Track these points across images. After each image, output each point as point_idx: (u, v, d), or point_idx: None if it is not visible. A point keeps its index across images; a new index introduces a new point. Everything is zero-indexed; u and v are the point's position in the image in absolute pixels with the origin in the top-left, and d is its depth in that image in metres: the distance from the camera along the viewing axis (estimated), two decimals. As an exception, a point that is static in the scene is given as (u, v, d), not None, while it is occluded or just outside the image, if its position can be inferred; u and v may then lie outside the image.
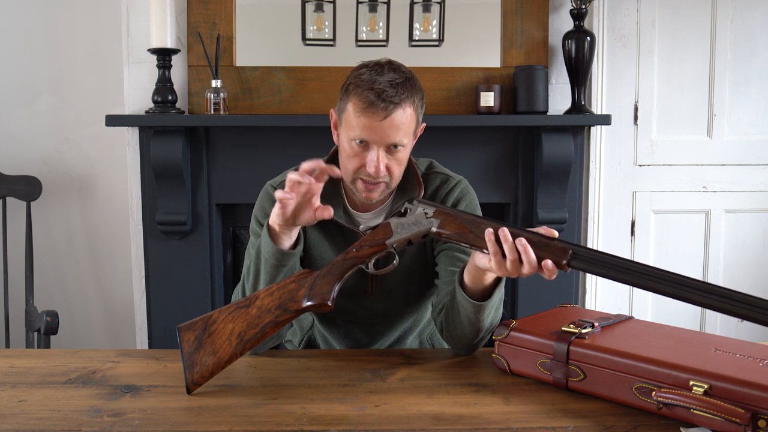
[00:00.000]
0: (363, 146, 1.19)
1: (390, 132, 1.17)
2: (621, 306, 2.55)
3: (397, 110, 1.16)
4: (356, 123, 1.17)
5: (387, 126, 1.16)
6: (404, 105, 1.17)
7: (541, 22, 2.34)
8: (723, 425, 0.86)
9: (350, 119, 1.19)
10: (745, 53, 2.47)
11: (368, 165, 1.19)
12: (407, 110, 1.18)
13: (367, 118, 1.16)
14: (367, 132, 1.17)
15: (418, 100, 1.21)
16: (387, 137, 1.17)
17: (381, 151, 1.19)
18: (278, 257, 1.14)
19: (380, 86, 1.15)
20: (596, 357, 1.00)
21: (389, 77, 1.17)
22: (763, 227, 2.55)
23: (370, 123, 1.16)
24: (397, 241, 1.10)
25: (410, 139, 1.23)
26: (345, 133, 1.21)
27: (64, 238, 2.56)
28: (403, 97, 1.17)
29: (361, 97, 1.16)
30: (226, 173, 2.33)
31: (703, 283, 0.89)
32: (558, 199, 2.34)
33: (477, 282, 1.11)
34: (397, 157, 1.21)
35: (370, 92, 1.15)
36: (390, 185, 1.24)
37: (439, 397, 1.03)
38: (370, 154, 1.19)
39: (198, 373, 1.05)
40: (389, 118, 1.16)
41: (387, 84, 1.15)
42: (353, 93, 1.18)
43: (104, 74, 2.47)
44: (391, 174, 1.22)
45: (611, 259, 0.95)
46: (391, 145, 1.19)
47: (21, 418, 0.95)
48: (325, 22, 2.34)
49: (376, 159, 1.18)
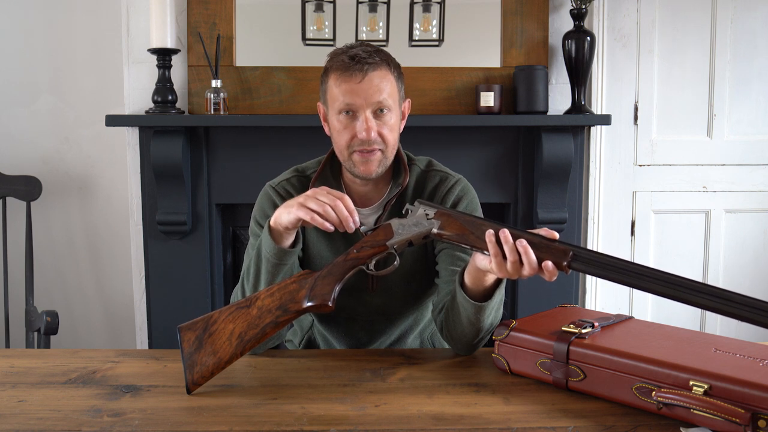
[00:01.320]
0: (351, 117, 1.22)
1: (371, 92, 1.20)
2: (621, 306, 2.55)
3: (373, 71, 1.20)
4: (338, 92, 1.21)
5: (366, 86, 1.20)
6: (379, 67, 1.21)
7: (541, 22, 2.34)
8: (723, 425, 0.86)
9: (333, 92, 1.23)
10: (745, 53, 2.47)
11: (359, 131, 1.21)
12: (383, 72, 1.22)
13: (347, 82, 1.20)
14: (349, 96, 1.20)
15: (394, 69, 1.25)
16: (370, 97, 1.20)
17: (368, 113, 1.21)
18: (279, 256, 1.15)
19: (353, 52, 1.21)
20: (596, 357, 1.00)
21: (361, 48, 1.22)
22: (763, 227, 2.55)
23: (350, 87, 1.20)
24: (397, 242, 1.11)
25: (396, 106, 1.25)
26: (332, 110, 1.24)
27: (64, 238, 2.56)
28: (377, 60, 1.21)
29: (338, 65, 1.21)
30: (226, 173, 2.33)
31: (703, 284, 0.89)
32: (558, 199, 2.34)
33: (477, 283, 1.11)
34: (386, 122, 1.23)
35: (345, 56, 1.21)
36: (386, 154, 1.25)
37: (439, 397, 1.03)
38: (358, 122, 1.21)
39: (198, 373, 1.05)
40: (367, 78, 1.20)
41: (360, 50, 1.21)
42: (330, 67, 1.23)
43: (104, 74, 2.47)
44: (384, 140, 1.23)
45: (612, 260, 0.95)
46: (377, 108, 1.21)
47: (21, 418, 0.95)
48: (325, 22, 2.34)
49: (365, 121, 1.20)
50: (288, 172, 1.37)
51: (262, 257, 1.17)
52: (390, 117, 1.23)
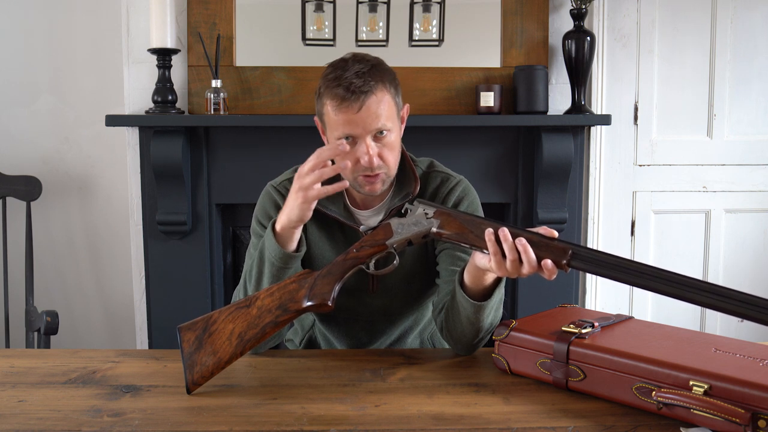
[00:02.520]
0: (351, 142, 1.20)
1: (369, 120, 1.18)
2: (621, 306, 2.55)
3: (369, 98, 1.17)
4: (336, 121, 1.19)
5: (365, 115, 1.17)
6: (375, 91, 1.18)
7: (541, 22, 2.34)
8: (723, 425, 0.86)
9: (331, 119, 1.21)
10: (745, 53, 2.47)
11: (361, 158, 1.19)
12: (380, 95, 1.19)
13: (344, 113, 1.18)
14: (348, 127, 1.18)
15: (390, 83, 1.22)
16: (369, 125, 1.18)
17: (369, 140, 1.19)
18: (284, 260, 1.15)
19: (347, 80, 1.17)
20: (596, 357, 1.00)
21: (354, 69, 1.18)
22: (763, 227, 2.55)
23: (347, 117, 1.18)
24: (397, 242, 1.11)
25: (395, 123, 1.23)
26: (331, 134, 1.23)
27: (64, 238, 2.56)
28: (372, 84, 1.18)
29: (333, 96, 1.18)
30: (226, 173, 2.33)
31: (703, 282, 0.89)
32: (558, 199, 2.34)
33: (477, 282, 1.11)
34: (387, 143, 1.21)
35: (339, 88, 1.17)
36: (389, 173, 1.24)
37: (439, 397, 1.03)
38: (359, 148, 1.20)
39: (198, 373, 1.05)
40: (365, 107, 1.17)
41: (353, 76, 1.17)
42: (325, 94, 1.20)
43: (104, 74, 2.47)
44: (385, 161, 1.22)
45: (611, 258, 0.95)
46: (376, 132, 1.20)
47: (21, 418, 0.95)
48: (325, 22, 2.34)
49: (367, 150, 1.19)
50: (289, 171, 1.37)
51: (266, 260, 1.17)
52: (390, 136, 1.22)
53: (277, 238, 1.15)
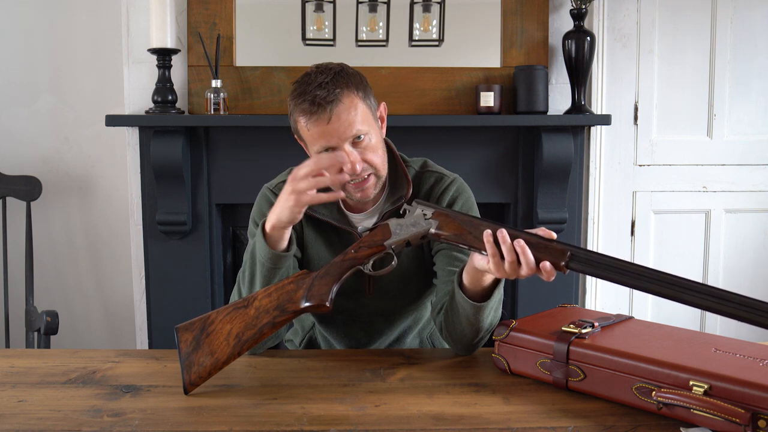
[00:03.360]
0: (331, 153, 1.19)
1: (342, 129, 1.17)
2: (621, 306, 2.55)
3: (337, 106, 1.16)
4: (311, 136, 1.19)
5: (336, 125, 1.17)
6: (342, 98, 1.17)
7: (541, 22, 2.34)
8: (723, 425, 0.86)
9: (306, 135, 1.21)
10: (745, 53, 2.47)
11: (344, 167, 1.17)
12: (347, 102, 1.18)
13: (315, 126, 1.17)
14: (324, 139, 1.18)
15: (356, 87, 1.20)
16: (343, 134, 1.17)
17: (347, 147, 1.18)
18: (274, 260, 1.14)
19: (311, 93, 1.16)
20: (596, 357, 1.00)
21: (317, 81, 1.18)
22: (763, 227, 2.55)
23: (320, 130, 1.17)
24: (395, 242, 1.10)
25: (371, 125, 1.22)
26: (311, 149, 1.22)
27: (64, 238, 2.56)
28: (338, 92, 1.17)
29: (301, 111, 1.18)
30: (226, 173, 2.33)
31: (701, 284, 0.89)
32: (558, 199, 2.34)
33: (476, 283, 1.11)
34: (366, 146, 1.21)
35: (305, 103, 1.17)
36: (378, 174, 1.24)
37: (439, 397, 1.03)
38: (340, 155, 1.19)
39: (195, 374, 1.05)
40: (334, 117, 1.16)
41: (317, 88, 1.17)
42: (294, 111, 1.20)
43: (104, 74, 2.47)
44: (371, 163, 1.21)
45: (610, 260, 0.95)
46: (352, 138, 1.19)
47: (21, 418, 0.95)
48: (325, 22, 2.34)
49: (348, 157, 1.18)
50: (284, 173, 1.37)
51: (257, 261, 1.17)
52: (370, 139, 1.21)
53: (267, 238, 1.15)
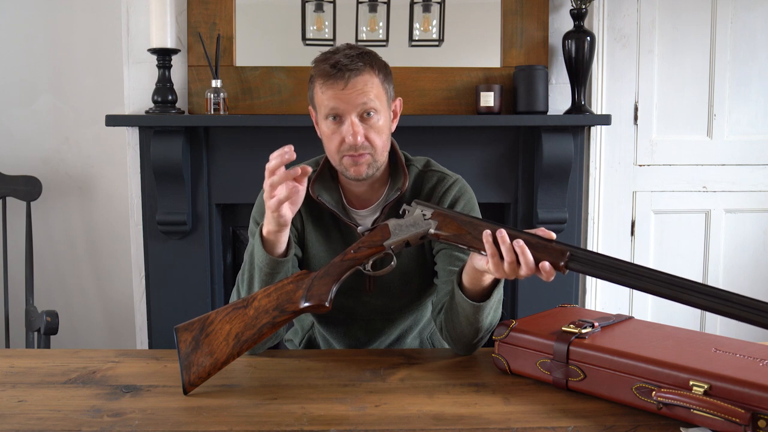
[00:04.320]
0: (338, 121, 1.22)
1: (354, 96, 1.20)
2: (621, 306, 2.55)
3: (356, 76, 1.20)
4: (323, 98, 1.22)
5: (350, 91, 1.20)
6: (363, 72, 1.21)
7: (541, 22, 2.34)
8: (723, 425, 0.86)
9: (319, 98, 1.23)
10: (745, 53, 2.47)
11: (345, 135, 1.21)
12: (367, 76, 1.21)
13: (330, 89, 1.20)
14: (334, 101, 1.20)
15: (379, 69, 1.24)
16: (354, 100, 1.20)
17: (354, 118, 1.21)
18: (271, 266, 1.14)
19: (336, 59, 1.21)
20: (596, 357, 1.00)
21: (344, 52, 1.22)
22: (763, 227, 2.55)
23: (334, 93, 1.20)
24: (395, 243, 1.10)
25: (383, 108, 1.24)
26: (320, 114, 1.25)
27: (64, 238, 2.56)
28: (360, 65, 1.20)
29: (321, 73, 1.22)
30: (226, 173, 2.33)
31: (701, 284, 0.89)
32: (558, 199, 2.34)
33: (475, 283, 1.11)
34: (373, 125, 1.22)
35: (327, 65, 1.21)
36: (375, 157, 1.24)
37: (439, 397, 1.03)
38: (344, 126, 1.21)
39: (195, 374, 1.05)
40: (350, 83, 1.19)
41: (342, 56, 1.21)
42: (315, 74, 1.24)
43: (104, 74, 2.47)
44: (372, 144, 1.23)
45: (609, 261, 0.95)
46: (363, 112, 1.21)
47: (21, 418, 0.95)
48: (325, 22, 2.34)
49: (351, 127, 1.20)
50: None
51: (255, 266, 1.17)
52: (377, 119, 1.23)
53: (264, 243, 1.14)
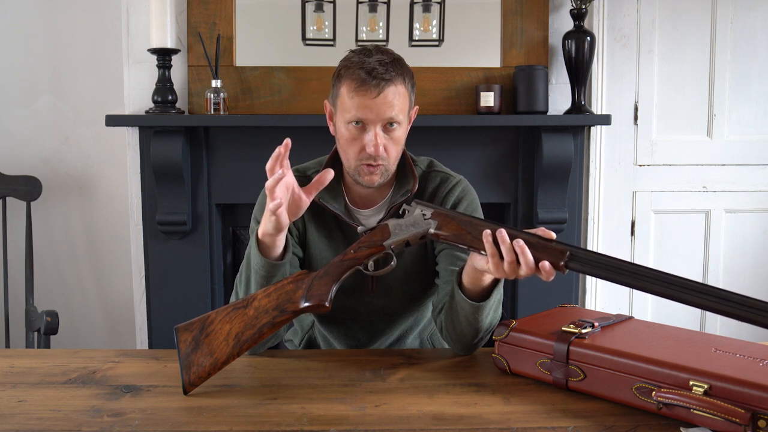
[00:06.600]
0: (360, 128, 1.21)
1: (384, 108, 1.19)
2: (621, 306, 2.55)
3: (389, 87, 1.18)
4: (351, 104, 1.19)
5: (381, 102, 1.18)
6: (395, 82, 1.19)
7: (541, 22, 2.34)
8: (723, 425, 0.86)
9: (345, 102, 1.21)
10: (745, 53, 2.47)
11: (367, 146, 1.20)
12: (398, 87, 1.20)
13: (361, 96, 1.18)
14: (362, 111, 1.19)
15: (408, 80, 1.24)
16: (382, 113, 1.19)
17: (378, 129, 1.20)
18: (267, 269, 1.14)
19: (370, 65, 1.18)
20: (596, 357, 1.00)
21: (378, 58, 1.20)
22: (763, 227, 2.55)
23: (364, 101, 1.18)
24: (395, 243, 1.10)
25: (405, 118, 1.24)
26: (341, 117, 1.23)
27: (64, 238, 2.56)
28: (393, 75, 1.19)
29: (353, 78, 1.19)
30: (226, 173, 2.33)
31: (701, 284, 0.89)
32: (558, 199, 2.34)
33: (475, 283, 1.11)
34: (394, 136, 1.22)
35: (361, 71, 1.18)
36: (388, 167, 1.25)
37: (439, 397, 1.03)
38: (368, 135, 1.20)
39: (195, 374, 1.05)
40: (382, 95, 1.18)
41: (377, 63, 1.18)
42: (345, 75, 1.21)
43: (104, 74, 2.47)
44: (388, 154, 1.23)
45: (609, 260, 0.95)
46: (387, 123, 1.20)
47: (21, 418, 0.95)
48: (325, 22, 2.34)
49: (374, 138, 1.20)
50: None
51: (252, 269, 1.16)
52: (398, 130, 1.23)
53: (261, 245, 1.14)
